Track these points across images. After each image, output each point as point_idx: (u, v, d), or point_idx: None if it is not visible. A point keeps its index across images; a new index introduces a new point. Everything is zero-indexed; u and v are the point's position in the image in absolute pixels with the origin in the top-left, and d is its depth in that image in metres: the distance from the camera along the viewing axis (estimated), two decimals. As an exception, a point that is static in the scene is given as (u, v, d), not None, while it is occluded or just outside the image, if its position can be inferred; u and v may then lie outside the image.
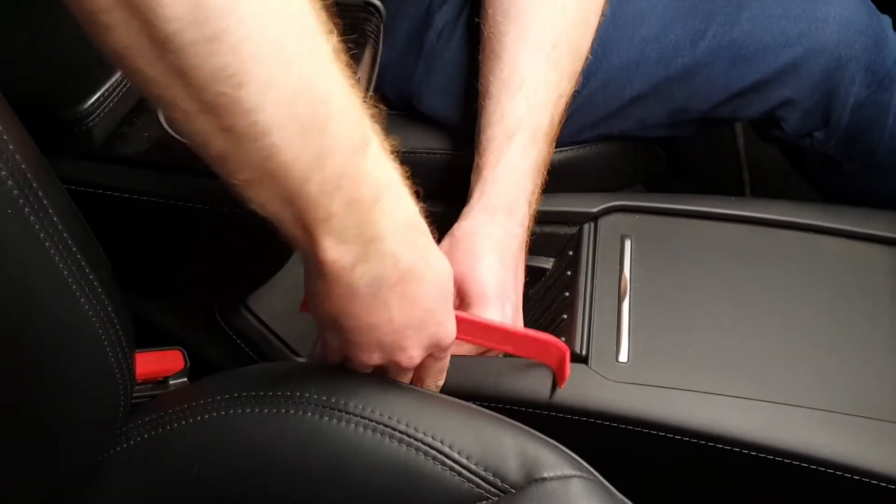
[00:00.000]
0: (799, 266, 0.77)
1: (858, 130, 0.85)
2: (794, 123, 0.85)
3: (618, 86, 0.84)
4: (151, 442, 0.61)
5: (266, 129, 0.42)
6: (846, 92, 0.83)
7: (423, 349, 0.59)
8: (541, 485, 0.56)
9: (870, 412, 0.67)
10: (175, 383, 0.68)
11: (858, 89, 0.83)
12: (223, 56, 0.38)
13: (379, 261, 0.51)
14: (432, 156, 0.88)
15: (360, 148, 0.47)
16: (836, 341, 0.72)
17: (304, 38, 0.42)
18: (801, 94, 0.83)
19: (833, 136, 0.86)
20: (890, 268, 0.76)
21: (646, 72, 0.83)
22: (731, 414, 0.67)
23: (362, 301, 0.53)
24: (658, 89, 0.84)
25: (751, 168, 1.31)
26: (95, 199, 0.61)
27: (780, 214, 0.80)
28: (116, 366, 0.56)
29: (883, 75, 0.83)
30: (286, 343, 0.77)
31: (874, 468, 0.64)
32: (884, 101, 0.84)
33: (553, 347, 0.68)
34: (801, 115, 0.84)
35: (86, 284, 0.52)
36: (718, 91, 0.84)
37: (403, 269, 0.53)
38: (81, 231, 0.53)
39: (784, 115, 0.85)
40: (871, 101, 0.83)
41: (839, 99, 0.83)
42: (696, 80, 0.83)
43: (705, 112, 0.85)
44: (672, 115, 0.86)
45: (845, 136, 0.85)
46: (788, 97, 0.83)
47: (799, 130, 0.86)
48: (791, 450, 0.66)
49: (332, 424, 0.59)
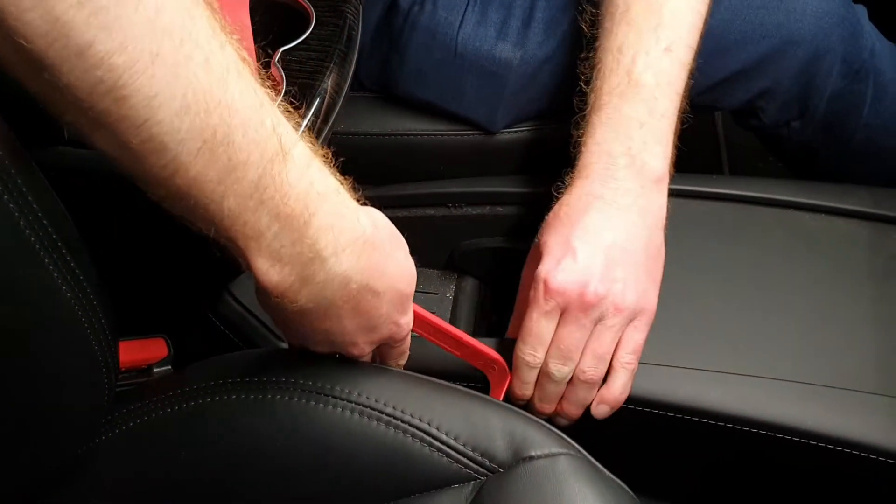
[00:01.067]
0: (779, 242, 0.78)
1: (834, 120, 0.85)
2: (772, 113, 0.86)
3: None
4: (137, 430, 0.61)
5: (164, 145, 0.39)
6: (823, 83, 0.83)
7: (375, 344, 0.58)
8: (528, 463, 0.56)
9: (851, 384, 0.68)
10: (159, 371, 0.68)
11: (835, 80, 0.83)
12: (95, 71, 0.36)
13: (326, 283, 0.48)
14: (412, 137, 0.88)
15: (277, 157, 0.43)
16: (817, 315, 0.73)
17: (193, 47, 0.39)
18: (780, 84, 0.84)
19: (809, 126, 0.87)
20: (868, 242, 0.77)
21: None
22: (714, 388, 0.68)
23: (311, 316, 0.51)
24: None
25: (729, 147, 1.31)
26: (76, 187, 0.60)
27: (760, 191, 0.81)
28: (100, 354, 0.56)
29: (859, 66, 0.84)
30: (270, 329, 0.76)
31: (855, 438, 0.65)
32: (859, 92, 0.84)
33: (498, 365, 0.69)
34: (779, 106, 0.85)
35: (67, 272, 0.51)
36: (699, 80, 0.84)
37: (354, 291, 0.50)
38: (62, 218, 0.52)
39: (763, 106, 0.85)
40: (848, 91, 0.84)
41: (816, 89, 0.84)
42: None
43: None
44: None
45: (821, 126, 0.86)
46: (768, 87, 0.84)
47: (776, 120, 0.87)
48: (773, 422, 0.67)
49: (318, 409, 0.59)
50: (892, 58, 0.87)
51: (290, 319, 0.53)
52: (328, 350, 0.58)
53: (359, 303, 0.51)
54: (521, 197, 0.85)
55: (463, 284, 0.92)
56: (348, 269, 0.48)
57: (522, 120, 0.88)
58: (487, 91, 0.85)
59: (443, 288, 0.92)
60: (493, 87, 0.85)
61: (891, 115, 0.86)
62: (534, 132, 0.89)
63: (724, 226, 0.79)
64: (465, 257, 0.90)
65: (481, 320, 0.89)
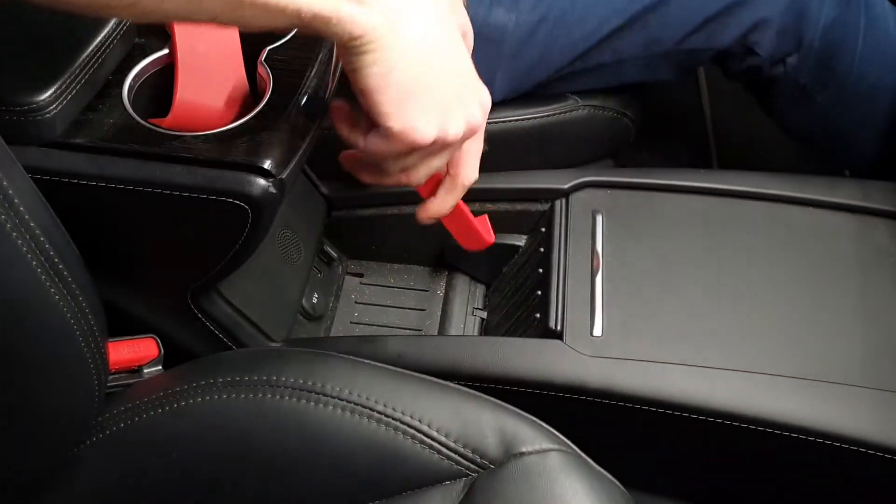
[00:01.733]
0: (767, 236, 0.78)
1: (829, 54, 0.85)
2: (767, 47, 0.86)
3: (595, 22, 0.84)
4: (128, 431, 0.61)
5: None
6: (817, 10, 0.83)
7: (466, 122, 0.55)
8: (519, 459, 0.57)
9: (839, 377, 0.68)
10: (149, 371, 0.67)
11: (828, 8, 0.84)
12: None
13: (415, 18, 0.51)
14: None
15: None
16: (805, 309, 0.73)
17: None
18: (774, 13, 0.84)
19: (805, 62, 0.86)
20: (856, 235, 0.78)
21: (621, 5, 0.83)
22: (704, 384, 0.68)
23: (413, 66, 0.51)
24: (633, 20, 0.84)
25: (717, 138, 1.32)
26: (61, 188, 0.60)
27: (748, 186, 0.81)
28: (89, 355, 0.55)
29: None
30: (260, 328, 0.76)
31: (844, 432, 0.66)
32: (852, 22, 0.84)
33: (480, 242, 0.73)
34: (774, 37, 0.85)
35: (55, 274, 0.51)
36: (692, 16, 0.84)
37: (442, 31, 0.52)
38: (48, 220, 0.52)
39: (758, 39, 0.85)
40: (841, 20, 0.84)
41: (810, 18, 0.84)
42: (670, 6, 0.83)
43: (679, 41, 0.86)
44: (647, 46, 0.86)
45: (817, 61, 0.86)
46: (761, 18, 0.84)
47: (773, 55, 0.86)
48: (763, 417, 0.67)
49: (309, 407, 0.59)
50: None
51: (400, 84, 0.51)
52: (433, 126, 0.53)
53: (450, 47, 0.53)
54: (510, 193, 0.85)
55: (453, 281, 0.92)
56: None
57: (520, 90, 0.88)
58: (485, 58, 0.84)
59: (433, 285, 0.92)
60: (491, 53, 0.85)
61: (883, 49, 0.86)
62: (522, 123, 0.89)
63: (712, 220, 0.80)
64: (454, 254, 0.90)
65: (471, 316, 0.89)
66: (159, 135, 0.60)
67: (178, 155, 0.59)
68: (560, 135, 0.91)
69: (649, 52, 0.86)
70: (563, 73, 0.88)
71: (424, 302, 0.91)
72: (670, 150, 1.33)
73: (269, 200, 0.60)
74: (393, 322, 0.90)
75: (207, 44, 0.67)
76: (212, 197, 0.59)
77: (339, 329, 0.89)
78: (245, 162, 0.59)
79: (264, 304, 0.78)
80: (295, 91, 0.64)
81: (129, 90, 0.64)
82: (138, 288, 0.70)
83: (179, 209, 0.61)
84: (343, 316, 0.90)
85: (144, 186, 0.59)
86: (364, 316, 0.90)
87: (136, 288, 0.70)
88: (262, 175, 0.59)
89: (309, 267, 0.87)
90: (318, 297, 0.87)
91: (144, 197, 0.60)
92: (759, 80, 0.91)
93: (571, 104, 0.90)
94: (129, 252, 0.67)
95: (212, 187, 0.59)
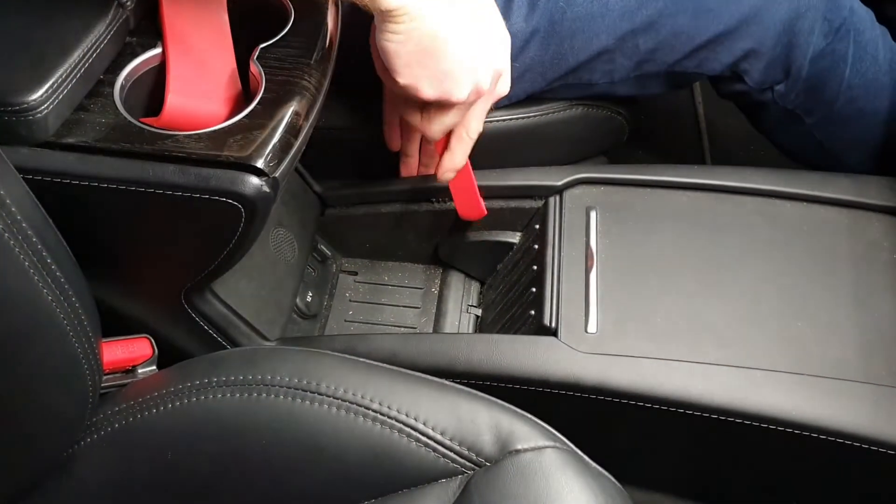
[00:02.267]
0: (761, 231, 0.78)
1: (818, 82, 0.86)
2: (756, 76, 0.86)
3: (584, 37, 0.84)
4: (123, 431, 0.60)
5: None
6: (805, 42, 0.84)
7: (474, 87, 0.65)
8: (515, 457, 0.57)
9: (834, 372, 0.68)
10: (144, 371, 0.67)
11: (817, 39, 0.84)
12: None
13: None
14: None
15: None
16: (799, 304, 0.73)
17: None
18: (764, 44, 0.84)
19: (793, 89, 0.87)
20: (849, 230, 0.78)
21: (611, 24, 0.83)
22: (699, 380, 0.68)
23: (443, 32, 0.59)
24: (624, 41, 0.84)
25: (710, 135, 1.32)
26: (53, 188, 0.60)
27: (741, 181, 0.81)
28: (83, 355, 0.55)
29: (839, 24, 0.84)
30: (254, 327, 0.76)
31: (838, 427, 0.66)
32: (841, 51, 0.85)
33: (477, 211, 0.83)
34: (763, 67, 0.85)
35: (48, 275, 0.51)
36: (683, 43, 0.84)
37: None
38: (41, 220, 0.52)
39: (747, 68, 0.86)
40: (829, 50, 0.85)
41: (799, 49, 0.84)
42: (661, 31, 0.84)
43: (671, 65, 0.86)
44: (638, 67, 0.86)
45: (805, 88, 0.86)
46: (751, 48, 0.84)
47: (761, 83, 0.87)
48: (757, 412, 0.67)
49: (304, 406, 0.59)
50: (869, 17, 0.88)
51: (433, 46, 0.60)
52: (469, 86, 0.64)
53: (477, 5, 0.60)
54: (504, 190, 0.85)
55: (448, 278, 0.92)
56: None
57: (513, 99, 0.88)
58: None
59: (428, 282, 0.92)
60: None
61: (872, 74, 0.87)
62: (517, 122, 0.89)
63: (707, 216, 0.80)
64: (449, 251, 0.90)
65: (466, 313, 0.89)
66: (151, 134, 0.60)
67: (170, 154, 0.59)
68: (555, 133, 0.91)
69: (639, 71, 0.87)
70: (556, 86, 0.88)
71: (419, 300, 0.91)
72: (663, 147, 1.33)
73: (262, 199, 0.60)
74: (387, 320, 0.90)
75: (199, 42, 0.66)
76: (205, 196, 0.59)
77: (334, 327, 0.89)
78: (238, 161, 0.59)
79: (258, 303, 0.78)
80: (287, 89, 0.64)
81: (121, 89, 0.64)
82: (132, 288, 0.70)
83: (172, 209, 0.60)
84: (337, 314, 0.90)
85: (137, 186, 0.59)
86: (358, 314, 0.90)
87: (130, 288, 0.70)
88: (256, 174, 0.59)
89: (303, 265, 0.86)
90: (313, 295, 0.87)
91: (137, 196, 0.60)
92: (748, 103, 0.91)
93: (566, 103, 0.90)
94: (122, 252, 0.67)
95: (205, 186, 0.59)
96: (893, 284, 0.74)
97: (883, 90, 0.87)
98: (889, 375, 0.68)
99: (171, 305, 0.70)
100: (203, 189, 0.59)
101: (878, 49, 0.86)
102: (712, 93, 0.94)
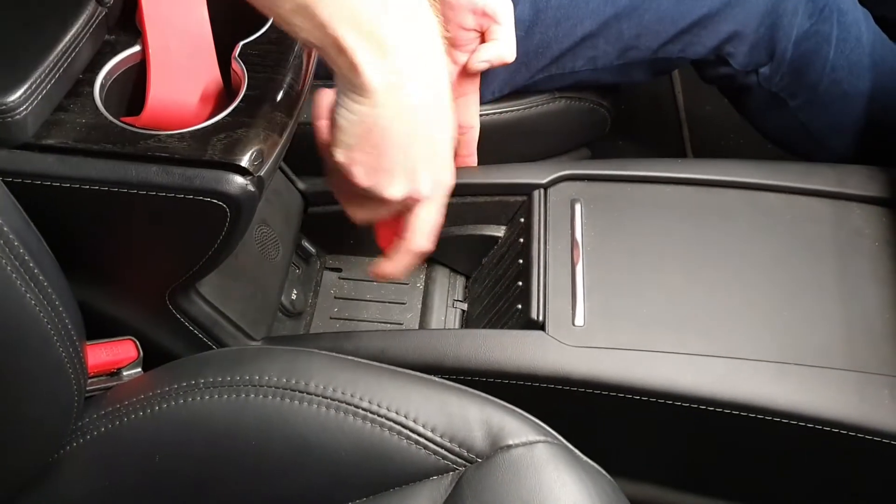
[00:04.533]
0: (745, 223, 0.79)
1: (802, 64, 0.86)
2: (741, 59, 0.86)
3: (569, 24, 0.84)
4: (109, 435, 0.60)
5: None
6: (789, 23, 0.84)
7: (409, 190, 0.58)
8: (506, 452, 0.56)
9: (819, 361, 0.69)
10: (129, 374, 0.66)
11: (801, 20, 0.84)
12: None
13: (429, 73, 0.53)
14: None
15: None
16: (784, 294, 0.73)
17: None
18: (748, 26, 0.84)
19: (778, 71, 0.87)
20: (832, 220, 0.78)
21: (595, 9, 0.83)
22: (687, 371, 0.68)
23: (411, 112, 0.54)
24: (607, 26, 0.84)
25: (690, 124, 1.33)
26: (33, 190, 0.59)
27: (723, 174, 0.82)
28: (67, 359, 0.55)
29: (823, 5, 0.85)
30: (239, 327, 0.75)
31: (825, 415, 0.66)
32: (824, 33, 0.85)
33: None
34: (747, 50, 0.86)
35: (31, 278, 0.50)
36: (667, 27, 0.84)
37: (440, 84, 0.54)
38: (21, 223, 0.51)
39: (731, 51, 0.86)
40: (813, 32, 0.85)
41: (783, 30, 0.84)
42: (644, 16, 0.84)
43: (654, 51, 0.86)
44: (622, 53, 0.86)
45: (789, 71, 0.87)
46: (735, 30, 0.84)
47: (746, 66, 0.87)
48: (745, 402, 0.67)
49: (293, 406, 0.59)
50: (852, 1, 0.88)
51: (380, 140, 0.54)
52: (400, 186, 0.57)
53: (438, 112, 0.55)
54: (488, 188, 0.85)
55: (433, 273, 0.92)
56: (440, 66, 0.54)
57: (496, 92, 0.88)
58: None
59: (413, 277, 0.92)
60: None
61: (855, 56, 0.87)
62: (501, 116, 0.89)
63: (691, 209, 0.80)
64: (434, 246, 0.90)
65: (452, 308, 0.89)
66: (133, 134, 0.59)
67: (153, 154, 0.58)
68: (538, 127, 0.91)
69: (623, 59, 0.87)
70: (538, 77, 0.88)
71: (404, 295, 0.91)
72: (644, 136, 1.33)
73: (247, 198, 0.59)
74: (373, 316, 0.89)
75: (180, 40, 0.66)
76: (189, 196, 0.59)
77: (319, 325, 0.88)
78: (222, 160, 0.58)
79: (243, 302, 0.77)
80: (270, 86, 0.63)
81: (101, 88, 0.63)
82: (115, 289, 0.69)
83: (156, 209, 0.60)
84: (322, 312, 0.90)
85: (119, 187, 0.58)
86: (344, 311, 0.90)
87: (113, 289, 0.69)
88: (241, 173, 0.58)
89: (287, 263, 0.86)
90: (298, 293, 0.87)
91: (119, 197, 0.59)
92: (732, 86, 0.91)
93: (548, 96, 0.90)
94: (105, 253, 0.66)
95: (189, 186, 0.58)
96: (876, 272, 0.74)
97: (866, 72, 0.87)
98: (873, 362, 0.69)
99: (155, 306, 0.69)
100: (187, 189, 0.58)
101: (861, 30, 0.87)
102: (692, 82, 0.94)
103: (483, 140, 0.88)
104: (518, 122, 0.90)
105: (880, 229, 0.77)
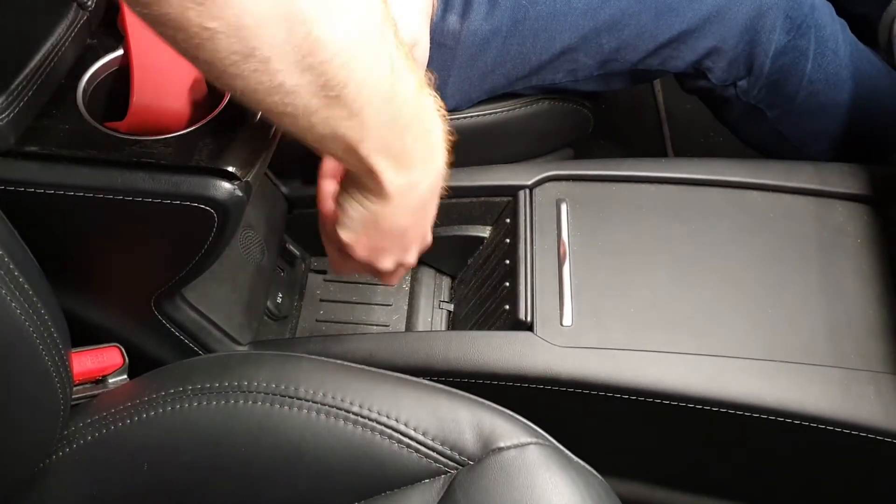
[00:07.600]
0: (729, 221, 0.79)
1: (779, 77, 0.87)
2: (719, 73, 0.87)
3: (547, 36, 0.84)
4: (96, 443, 0.59)
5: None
6: (767, 39, 0.85)
7: (397, 262, 0.64)
8: (498, 455, 0.56)
9: (804, 357, 0.69)
10: (115, 381, 0.66)
11: (779, 36, 0.85)
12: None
13: (433, 174, 0.58)
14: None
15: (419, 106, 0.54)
16: (769, 291, 0.74)
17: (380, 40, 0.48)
18: (727, 42, 0.85)
19: (756, 85, 0.88)
20: (814, 217, 0.79)
21: (574, 22, 0.84)
22: (674, 370, 0.69)
23: (415, 207, 0.59)
24: (587, 40, 0.84)
25: (670, 123, 1.33)
26: (17, 198, 0.58)
27: (707, 173, 0.82)
28: (53, 367, 0.54)
29: (801, 21, 0.85)
30: (225, 332, 0.75)
31: (811, 411, 0.67)
32: (802, 47, 0.86)
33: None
34: (726, 65, 0.86)
35: (15, 287, 0.50)
36: (646, 41, 0.85)
37: (437, 185, 0.59)
38: (5, 231, 0.51)
39: (710, 66, 0.87)
40: (791, 47, 0.86)
41: (761, 46, 0.85)
42: (624, 30, 0.84)
43: (634, 63, 0.86)
44: (602, 66, 0.87)
45: (767, 84, 0.88)
46: (714, 46, 0.85)
47: (724, 80, 0.88)
48: (732, 400, 0.68)
49: (283, 412, 0.58)
50: (829, 12, 0.89)
51: (391, 228, 0.59)
52: (392, 260, 0.63)
53: (433, 200, 0.61)
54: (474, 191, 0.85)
55: (418, 274, 0.91)
56: (441, 165, 0.58)
57: (473, 99, 0.88)
58: (438, 62, 0.84)
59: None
60: (444, 57, 0.84)
61: (832, 69, 0.88)
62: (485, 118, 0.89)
63: (675, 208, 0.80)
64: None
65: (438, 309, 0.89)
66: (117, 140, 0.59)
67: (139, 160, 0.58)
68: (521, 128, 0.91)
69: (603, 70, 0.87)
70: (518, 87, 0.88)
71: (390, 297, 0.91)
72: (626, 136, 1.34)
73: (235, 203, 0.59)
74: (359, 318, 0.89)
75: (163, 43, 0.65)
76: (176, 202, 0.58)
77: (305, 328, 0.88)
78: (210, 165, 0.57)
79: (229, 307, 0.77)
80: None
81: (84, 94, 0.62)
82: (100, 296, 0.69)
83: (142, 215, 0.59)
84: (308, 314, 0.89)
85: (105, 194, 0.58)
86: (330, 313, 0.89)
87: (98, 296, 0.69)
88: (228, 178, 0.58)
89: (272, 266, 0.85)
90: (283, 296, 0.86)
91: (105, 204, 0.58)
92: (711, 97, 0.92)
93: (531, 98, 0.90)
94: (91, 260, 0.65)
95: (176, 192, 0.58)
96: (859, 269, 0.75)
97: (843, 83, 0.88)
98: (857, 358, 0.69)
99: (141, 313, 0.69)
100: (174, 195, 0.58)
101: (839, 43, 0.88)
102: (672, 83, 0.95)
103: (467, 142, 0.88)
104: (502, 123, 0.90)
105: (862, 226, 0.78)
